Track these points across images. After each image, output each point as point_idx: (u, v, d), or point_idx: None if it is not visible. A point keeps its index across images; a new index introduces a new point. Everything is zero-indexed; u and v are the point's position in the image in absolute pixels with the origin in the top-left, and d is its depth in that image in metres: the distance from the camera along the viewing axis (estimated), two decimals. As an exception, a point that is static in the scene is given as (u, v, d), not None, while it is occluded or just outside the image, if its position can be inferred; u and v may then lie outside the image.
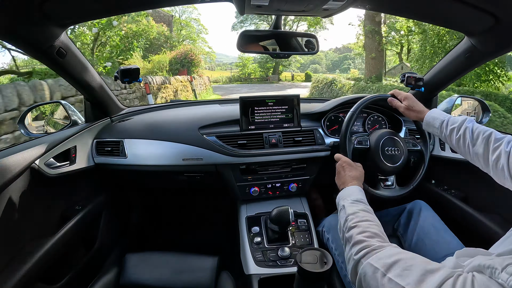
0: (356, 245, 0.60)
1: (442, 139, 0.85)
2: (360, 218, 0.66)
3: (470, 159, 0.78)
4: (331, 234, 0.99)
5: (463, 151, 0.79)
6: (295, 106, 1.17)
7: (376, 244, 0.58)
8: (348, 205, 0.72)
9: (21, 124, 1.13)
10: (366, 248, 0.57)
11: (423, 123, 0.90)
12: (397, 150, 1.00)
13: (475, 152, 0.74)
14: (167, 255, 0.95)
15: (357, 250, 0.59)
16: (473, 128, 0.77)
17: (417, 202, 1.02)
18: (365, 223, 0.65)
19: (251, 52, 1.01)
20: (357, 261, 0.58)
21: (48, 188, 0.97)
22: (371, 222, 0.65)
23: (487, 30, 0.85)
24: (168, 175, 1.20)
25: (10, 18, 0.69)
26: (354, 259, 0.59)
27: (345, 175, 0.84)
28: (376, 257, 0.54)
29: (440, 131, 0.84)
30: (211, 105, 1.47)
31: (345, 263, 0.86)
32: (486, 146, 0.72)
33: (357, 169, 0.87)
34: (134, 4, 0.88)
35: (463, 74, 1.18)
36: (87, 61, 1.06)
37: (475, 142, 0.74)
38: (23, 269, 0.79)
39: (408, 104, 0.93)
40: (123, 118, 1.29)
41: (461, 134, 0.77)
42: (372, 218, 0.67)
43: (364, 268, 0.55)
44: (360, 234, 0.62)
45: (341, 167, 0.88)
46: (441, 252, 0.84)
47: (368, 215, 0.68)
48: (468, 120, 0.79)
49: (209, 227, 1.70)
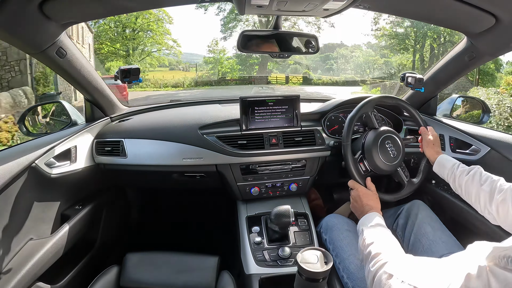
0: (373, 258, 0.64)
1: (449, 178, 0.91)
2: (378, 236, 0.71)
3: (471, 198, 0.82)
4: (328, 235, 1.00)
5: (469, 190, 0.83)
6: (295, 106, 1.17)
7: (393, 255, 0.61)
8: (367, 229, 0.76)
9: (21, 124, 1.13)
10: (383, 259, 0.61)
11: (435, 162, 0.97)
12: (395, 148, 1.00)
13: (482, 189, 0.78)
14: (168, 254, 0.95)
15: (374, 262, 0.62)
16: (482, 172, 0.83)
17: (415, 202, 1.03)
18: (381, 240, 0.69)
19: (251, 52, 1.01)
20: (374, 272, 0.61)
21: (48, 188, 0.97)
22: (388, 239, 0.69)
23: (487, 30, 0.85)
24: (168, 175, 1.20)
25: (10, 18, 0.69)
26: (372, 271, 0.62)
27: (363, 205, 0.89)
28: (392, 266, 0.57)
29: (451, 171, 0.90)
30: (211, 104, 1.47)
31: (342, 264, 0.87)
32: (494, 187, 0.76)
33: (373, 197, 0.91)
34: (134, 4, 0.89)
35: (463, 74, 1.19)
36: (87, 61, 1.06)
37: (483, 183, 0.79)
38: (23, 269, 0.79)
39: (432, 140, 1.01)
40: (123, 118, 1.29)
41: (471, 175, 0.84)
42: (390, 237, 0.71)
43: (380, 277, 0.57)
44: (377, 248, 0.66)
45: (357, 196, 0.93)
46: (438, 252, 0.84)
47: (386, 235, 0.72)
48: (478, 167, 0.86)
49: (209, 226, 1.70)
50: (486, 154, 1.05)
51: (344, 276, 0.86)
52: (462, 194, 0.86)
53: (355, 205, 0.93)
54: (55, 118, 1.34)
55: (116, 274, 0.88)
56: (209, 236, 1.62)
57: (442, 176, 0.94)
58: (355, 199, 0.93)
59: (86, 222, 1.09)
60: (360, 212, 0.89)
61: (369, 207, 0.87)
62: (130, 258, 0.92)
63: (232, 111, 1.20)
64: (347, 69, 19.19)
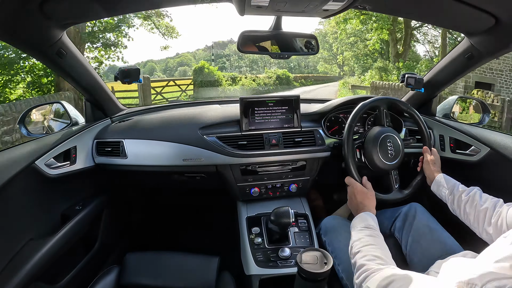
0: (358, 269, 0.65)
1: (447, 199, 0.91)
2: (364, 243, 0.70)
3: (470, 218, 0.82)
4: (327, 237, 1.00)
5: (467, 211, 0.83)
6: (295, 107, 1.17)
7: (375, 267, 0.61)
8: (355, 233, 0.76)
9: (21, 124, 1.13)
10: (365, 272, 0.62)
11: (433, 181, 0.97)
12: (395, 148, 1.00)
13: (481, 210, 0.79)
14: (168, 255, 0.95)
15: (358, 274, 0.63)
16: (482, 194, 0.83)
17: (412, 205, 1.03)
18: (367, 247, 0.69)
19: (251, 52, 1.01)
20: (359, 285, 0.62)
21: (48, 188, 0.97)
22: (374, 246, 0.69)
23: (487, 30, 0.85)
24: (168, 176, 1.20)
25: (10, 18, 0.69)
26: (356, 283, 0.63)
27: (358, 203, 0.89)
28: (374, 279, 0.58)
29: (450, 192, 0.90)
30: (211, 105, 1.47)
31: (341, 265, 0.87)
32: (493, 207, 0.77)
33: (369, 195, 0.90)
34: (134, 5, 0.89)
35: (463, 75, 1.18)
36: (87, 61, 1.06)
37: (482, 204, 0.79)
38: (23, 269, 0.79)
39: (433, 160, 1.02)
40: (123, 119, 1.29)
41: (471, 195, 0.84)
42: (376, 242, 0.71)
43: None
44: (362, 258, 0.66)
45: (353, 194, 0.92)
46: (436, 253, 0.84)
47: (372, 240, 0.71)
48: (477, 188, 0.86)
49: (209, 227, 1.70)
50: (486, 154, 1.05)
51: (344, 277, 0.86)
52: (460, 215, 0.86)
53: (351, 203, 0.93)
54: (55, 118, 1.34)
55: (116, 274, 0.88)
56: (209, 236, 1.62)
57: (440, 196, 0.94)
58: (351, 197, 0.93)
59: (86, 222, 1.09)
60: (355, 210, 0.89)
61: (362, 206, 0.87)
62: (130, 258, 0.92)
63: (232, 111, 1.20)
64: (238, 66, 18.23)
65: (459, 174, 1.02)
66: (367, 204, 0.87)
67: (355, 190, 0.92)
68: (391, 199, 1.03)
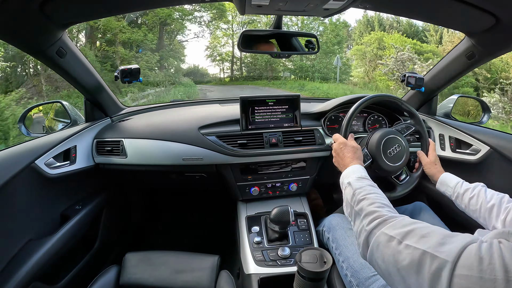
0: (367, 216, 0.59)
1: (452, 197, 0.90)
2: (368, 191, 0.67)
3: (477, 216, 0.81)
4: (331, 234, 0.99)
5: (473, 208, 0.82)
6: (296, 106, 1.17)
7: (388, 214, 0.57)
8: (354, 181, 0.72)
9: (21, 124, 1.13)
10: (379, 218, 0.57)
11: (438, 180, 0.95)
12: (399, 149, 1.00)
13: (486, 207, 0.78)
14: (167, 254, 0.95)
15: (369, 220, 0.58)
16: (487, 190, 0.82)
17: (417, 203, 1.02)
18: (373, 195, 0.65)
19: (252, 52, 1.01)
20: (369, 231, 0.57)
21: (48, 188, 0.97)
22: (379, 195, 0.66)
23: (487, 30, 0.85)
24: (168, 175, 1.20)
25: (10, 18, 0.69)
26: (366, 229, 0.57)
27: (345, 157, 0.85)
28: (391, 226, 0.53)
29: (454, 190, 0.89)
30: (211, 104, 1.47)
31: (346, 262, 0.86)
32: (499, 204, 0.76)
33: (355, 149, 0.87)
34: (134, 4, 0.89)
35: (463, 74, 1.18)
36: (87, 61, 1.06)
37: (489, 200, 0.78)
38: (23, 269, 0.79)
39: (433, 160, 1.00)
40: (123, 118, 1.29)
41: (475, 193, 0.82)
42: (379, 192, 0.68)
43: (378, 238, 0.53)
44: (371, 205, 0.61)
45: (339, 149, 0.88)
46: None
47: (375, 189, 0.68)
48: (482, 184, 0.85)
49: (209, 226, 1.70)
50: (486, 154, 1.05)
51: (348, 274, 0.85)
52: (468, 212, 0.85)
53: (337, 159, 0.88)
54: (55, 118, 1.34)
55: (116, 274, 0.88)
56: (208, 236, 1.62)
57: (445, 194, 0.93)
58: (337, 152, 0.88)
59: (86, 222, 1.09)
60: (342, 165, 0.84)
61: (350, 159, 0.83)
62: (129, 258, 0.92)
63: (232, 111, 1.20)
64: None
65: (459, 173, 1.02)
66: (355, 157, 0.84)
67: (341, 144, 0.88)
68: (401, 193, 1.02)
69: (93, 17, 0.97)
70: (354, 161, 0.82)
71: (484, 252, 0.39)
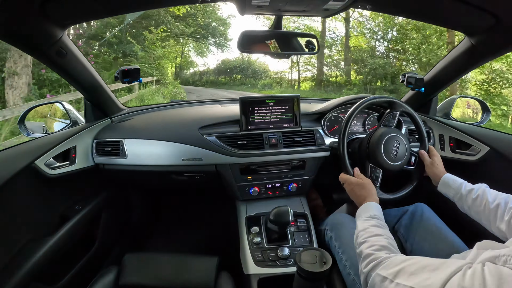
0: (365, 259, 0.64)
1: (455, 198, 0.89)
2: (370, 233, 0.70)
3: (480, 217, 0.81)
4: (334, 232, 0.99)
5: (477, 210, 0.82)
6: (295, 106, 1.17)
7: (383, 256, 0.61)
8: (360, 223, 0.76)
9: (21, 124, 1.13)
10: (374, 261, 0.61)
11: (440, 181, 0.94)
12: (400, 148, 1.00)
13: (490, 208, 0.77)
14: (167, 255, 0.95)
15: (366, 263, 0.63)
16: (491, 191, 0.82)
17: (419, 204, 1.02)
18: (373, 238, 0.68)
19: (251, 52, 1.01)
20: (367, 274, 0.61)
21: (48, 188, 0.97)
22: (381, 236, 0.68)
23: (487, 30, 0.85)
24: (168, 175, 1.20)
25: (10, 18, 0.69)
26: (364, 272, 0.62)
27: (358, 196, 0.88)
28: (384, 267, 0.57)
29: (456, 191, 0.88)
30: (211, 105, 1.47)
31: (349, 261, 0.87)
32: (504, 205, 0.76)
33: (366, 186, 0.89)
34: (134, 4, 0.89)
35: (463, 74, 1.18)
36: (87, 61, 1.06)
37: (493, 201, 0.78)
38: (23, 269, 0.79)
39: (435, 161, 0.99)
40: (123, 118, 1.29)
41: (479, 194, 0.82)
42: (382, 232, 0.70)
43: (374, 279, 0.58)
44: (368, 248, 0.65)
45: (351, 189, 0.92)
46: (444, 250, 0.84)
47: (378, 230, 0.71)
48: (484, 185, 0.84)
49: (208, 227, 1.70)
50: (486, 154, 1.05)
51: (351, 273, 0.85)
52: (471, 214, 0.84)
53: (353, 197, 0.91)
54: (55, 118, 1.34)
55: (115, 275, 0.88)
56: (208, 236, 1.62)
57: (448, 196, 0.93)
58: (350, 192, 0.92)
59: (85, 222, 1.09)
60: (358, 203, 0.88)
61: (363, 197, 0.86)
62: (129, 258, 0.92)
63: (232, 111, 1.20)
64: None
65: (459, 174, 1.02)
66: (367, 194, 0.87)
67: (351, 184, 0.91)
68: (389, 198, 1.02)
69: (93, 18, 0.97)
70: (367, 198, 0.85)
71: (467, 281, 0.41)
